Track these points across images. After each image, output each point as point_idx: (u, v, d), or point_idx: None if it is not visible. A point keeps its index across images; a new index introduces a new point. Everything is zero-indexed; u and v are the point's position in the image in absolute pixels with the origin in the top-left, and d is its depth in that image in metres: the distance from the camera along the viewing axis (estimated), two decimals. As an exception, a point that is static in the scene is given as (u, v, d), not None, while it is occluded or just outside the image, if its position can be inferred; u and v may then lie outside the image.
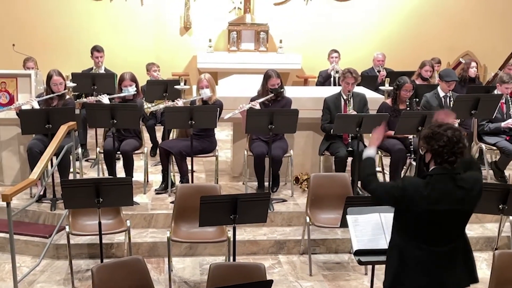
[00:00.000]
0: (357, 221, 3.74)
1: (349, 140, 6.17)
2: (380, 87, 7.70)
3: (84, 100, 6.92)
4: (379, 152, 6.17)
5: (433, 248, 3.20)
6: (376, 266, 4.17)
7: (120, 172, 6.31)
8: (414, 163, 6.18)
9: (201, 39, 10.44)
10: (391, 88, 6.75)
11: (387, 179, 6.33)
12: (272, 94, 6.03)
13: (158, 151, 6.55)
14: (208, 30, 10.44)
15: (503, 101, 6.64)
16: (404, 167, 6.35)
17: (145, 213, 5.76)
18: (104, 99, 6.18)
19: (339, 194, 5.11)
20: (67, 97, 6.32)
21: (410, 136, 6.17)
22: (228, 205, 4.23)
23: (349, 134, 6.13)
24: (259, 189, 6.12)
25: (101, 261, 4.61)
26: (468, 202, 3.19)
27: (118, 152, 6.12)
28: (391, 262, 3.34)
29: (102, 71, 7.93)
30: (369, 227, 3.72)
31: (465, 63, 8.32)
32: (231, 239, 4.58)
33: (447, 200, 3.13)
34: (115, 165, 6.08)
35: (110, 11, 10.34)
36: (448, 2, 10.80)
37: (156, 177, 6.60)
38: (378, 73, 8.62)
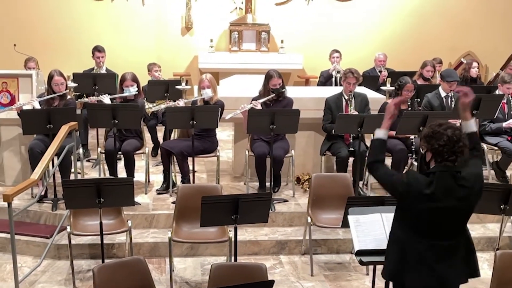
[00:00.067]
0: (358, 222, 3.73)
1: (351, 140, 6.16)
2: (382, 87, 7.68)
3: (85, 100, 6.93)
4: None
5: (434, 242, 3.20)
6: (378, 267, 4.14)
7: (121, 172, 6.32)
8: (415, 163, 6.18)
9: (202, 39, 10.45)
10: (392, 88, 6.75)
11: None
12: (273, 94, 6.03)
13: (159, 151, 6.56)
14: (209, 30, 10.44)
15: (504, 101, 6.63)
16: (406, 167, 6.35)
17: (146, 213, 5.75)
18: (105, 99, 6.18)
19: (341, 194, 5.10)
20: (68, 97, 6.32)
21: (412, 136, 6.17)
22: (229, 205, 4.23)
23: (351, 134, 6.12)
24: (260, 189, 6.11)
25: (102, 262, 4.61)
26: (471, 199, 3.21)
27: (119, 152, 6.13)
28: (391, 255, 3.34)
29: (103, 71, 7.93)
30: (370, 228, 3.71)
31: (466, 63, 8.32)
32: (233, 239, 4.57)
33: (450, 198, 3.14)
34: (116, 165, 6.07)
35: (111, 11, 10.34)
36: (450, 2, 10.78)
37: (157, 177, 6.60)
38: (379, 73, 8.61)
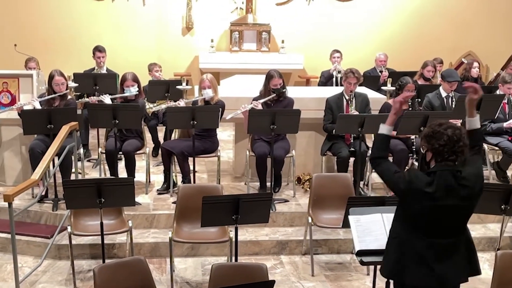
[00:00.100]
0: (359, 222, 3.73)
1: (351, 140, 6.16)
2: (382, 87, 7.69)
3: (86, 100, 6.94)
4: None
5: (434, 240, 3.21)
6: (378, 267, 4.13)
7: (122, 173, 6.32)
8: (416, 163, 6.17)
9: (203, 39, 10.45)
10: (393, 88, 6.75)
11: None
12: (274, 94, 6.03)
13: (160, 152, 6.55)
14: (210, 30, 10.44)
15: (505, 101, 6.62)
16: (406, 167, 6.34)
17: (147, 213, 5.75)
18: (106, 99, 6.18)
19: (341, 195, 5.10)
20: (69, 97, 6.32)
21: (412, 136, 6.16)
22: (230, 205, 4.23)
23: (351, 134, 6.12)
24: (261, 190, 6.11)
25: (103, 262, 4.61)
26: (472, 198, 3.21)
27: (120, 153, 6.13)
28: (391, 252, 3.33)
29: (104, 71, 7.92)
30: (371, 228, 3.71)
31: (467, 63, 8.30)
32: (233, 240, 4.57)
33: (451, 197, 3.14)
34: (117, 165, 6.07)
35: (112, 11, 10.34)
36: (450, 2, 10.78)
37: (158, 178, 6.59)
38: (380, 73, 8.61)
